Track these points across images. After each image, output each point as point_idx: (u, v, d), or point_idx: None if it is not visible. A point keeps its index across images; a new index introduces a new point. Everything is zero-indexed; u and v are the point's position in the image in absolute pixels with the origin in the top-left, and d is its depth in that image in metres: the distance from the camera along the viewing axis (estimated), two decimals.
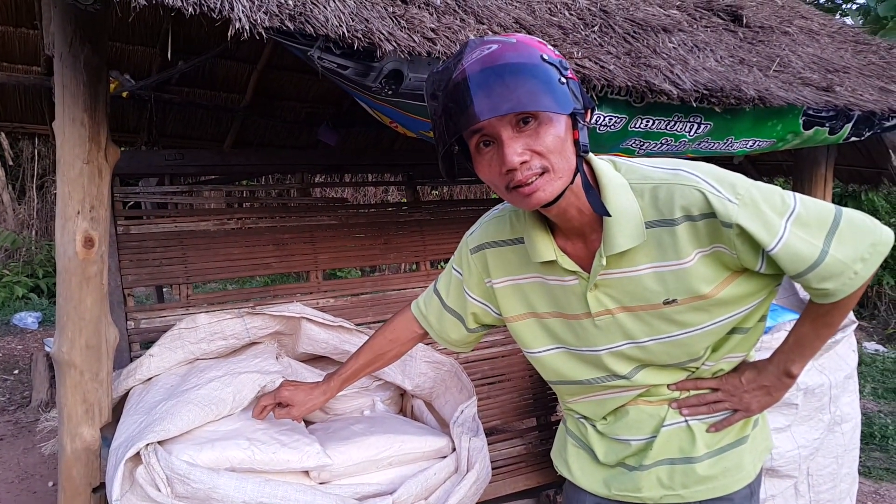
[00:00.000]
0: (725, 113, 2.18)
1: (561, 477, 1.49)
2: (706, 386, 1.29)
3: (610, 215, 1.13)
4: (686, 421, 1.30)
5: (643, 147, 2.21)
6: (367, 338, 2.21)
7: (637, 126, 2.09)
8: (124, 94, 3.87)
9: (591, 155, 1.17)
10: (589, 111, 1.12)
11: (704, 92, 2.04)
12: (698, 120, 2.18)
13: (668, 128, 2.15)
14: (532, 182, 1.06)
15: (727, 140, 2.33)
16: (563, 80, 1.06)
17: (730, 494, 1.29)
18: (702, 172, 1.14)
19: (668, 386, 1.29)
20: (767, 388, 1.29)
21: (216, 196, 2.84)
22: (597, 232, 1.19)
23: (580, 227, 1.19)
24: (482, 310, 1.43)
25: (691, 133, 2.21)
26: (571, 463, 1.44)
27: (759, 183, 1.13)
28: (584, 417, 1.41)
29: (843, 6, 9.18)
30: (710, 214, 1.10)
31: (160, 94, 4.18)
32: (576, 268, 1.21)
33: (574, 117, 1.08)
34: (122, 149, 1.93)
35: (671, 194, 1.13)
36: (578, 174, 1.10)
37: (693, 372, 1.29)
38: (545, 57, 1.06)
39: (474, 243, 1.39)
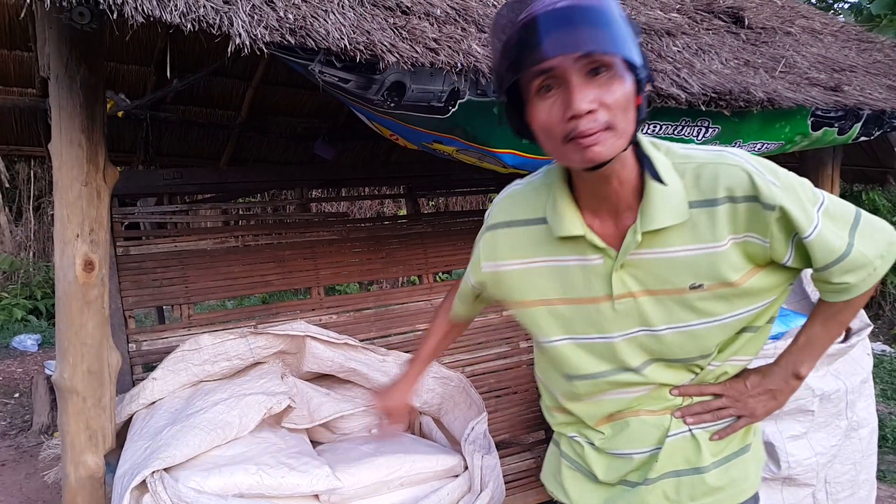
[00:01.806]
0: (733, 116, 2.16)
1: None
2: (710, 392, 1.26)
3: (665, 183, 1.09)
4: (690, 430, 1.26)
5: None
6: (373, 354, 2.21)
7: (644, 131, 2.07)
8: (120, 114, 3.85)
9: None
10: (649, 83, 1.08)
11: (713, 95, 2.01)
12: (706, 124, 2.16)
13: (675, 132, 2.13)
14: (594, 134, 1.00)
15: (735, 143, 2.31)
16: (638, 40, 1.02)
17: None
18: (745, 155, 1.13)
19: (670, 391, 1.25)
20: (773, 391, 1.27)
21: (215, 214, 2.81)
22: (632, 209, 1.14)
23: (616, 201, 1.14)
24: (481, 286, 1.38)
25: (699, 137, 2.18)
26: (568, 486, 1.38)
27: (792, 173, 1.12)
28: (580, 433, 1.35)
29: (835, 5, 9.22)
30: (753, 197, 1.08)
31: (156, 113, 4.16)
32: (604, 245, 1.17)
33: (639, 83, 1.04)
34: (119, 169, 1.89)
35: (716, 174, 1.10)
36: (634, 142, 1.06)
37: (697, 374, 1.24)
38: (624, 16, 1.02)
39: (491, 221, 1.33)
